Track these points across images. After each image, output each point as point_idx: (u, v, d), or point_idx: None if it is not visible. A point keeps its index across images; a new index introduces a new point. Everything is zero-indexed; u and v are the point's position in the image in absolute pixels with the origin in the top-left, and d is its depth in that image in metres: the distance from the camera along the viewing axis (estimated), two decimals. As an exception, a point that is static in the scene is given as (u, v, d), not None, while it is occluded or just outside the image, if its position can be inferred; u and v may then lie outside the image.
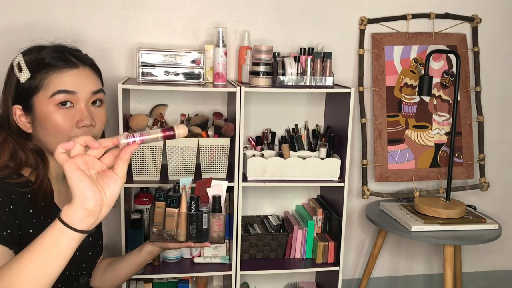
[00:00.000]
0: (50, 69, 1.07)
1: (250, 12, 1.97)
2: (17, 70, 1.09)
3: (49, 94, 1.06)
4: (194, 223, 1.36)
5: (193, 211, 1.37)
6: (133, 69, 1.92)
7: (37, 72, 1.07)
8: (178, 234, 1.36)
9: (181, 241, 1.37)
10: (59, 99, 1.06)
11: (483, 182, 2.23)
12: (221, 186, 1.43)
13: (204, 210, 1.39)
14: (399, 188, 2.25)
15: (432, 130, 2.17)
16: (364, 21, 2.05)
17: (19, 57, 1.10)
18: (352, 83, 2.12)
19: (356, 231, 2.28)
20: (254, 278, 2.18)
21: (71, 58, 1.11)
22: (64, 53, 1.12)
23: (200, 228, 1.36)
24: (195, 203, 1.39)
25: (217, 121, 1.82)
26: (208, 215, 1.38)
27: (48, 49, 1.12)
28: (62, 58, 1.10)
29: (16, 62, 1.10)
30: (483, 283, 2.48)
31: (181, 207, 1.37)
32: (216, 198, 1.40)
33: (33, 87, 1.07)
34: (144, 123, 1.73)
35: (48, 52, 1.11)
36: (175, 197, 1.37)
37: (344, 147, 1.82)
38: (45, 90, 1.06)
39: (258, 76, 1.76)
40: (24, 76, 1.07)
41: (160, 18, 1.91)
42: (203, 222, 1.37)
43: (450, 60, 2.16)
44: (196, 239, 1.38)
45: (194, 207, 1.38)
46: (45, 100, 1.06)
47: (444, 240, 1.84)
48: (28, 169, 1.09)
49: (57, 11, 1.82)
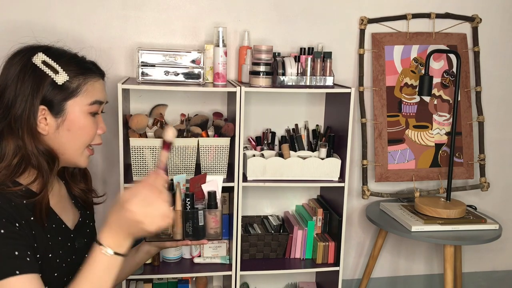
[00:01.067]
0: (88, 75, 1.10)
1: (250, 12, 1.97)
2: (50, 71, 1.05)
3: (87, 101, 1.09)
4: (190, 220, 1.35)
5: (188, 209, 1.36)
6: (133, 69, 1.92)
7: (73, 76, 1.07)
8: (174, 232, 1.34)
9: (177, 239, 1.36)
10: (94, 109, 1.11)
11: (483, 182, 2.23)
12: (216, 181, 1.41)
13: (200, 207, 1.37)
14: (399, 188, 2.24)
15: (432, 130, 2.17)
16: (364, 21, 2.05)
17: (41, 55, 1.06)
18: (352, 83, 2.11)
19: (356, 231, 2.28)
20: (254, 278, 2.18)
21: (99, 67, 1.16)
22: (91, 62, 1.15)
23: (196, 225, 1.35)
24: (190, 200, 1.38)
25: (217, 121, 1.82)
26: (203, 211, 1.36)
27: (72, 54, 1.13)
28: (94, 66, 1.14)
29: (40, 60, 1.05)
30: (484, 283, 2.48)
31: (176, 205, 1.36)
32: (211, 194, 1.38)
33: (70, 91, 1.06)
34: (144, 123, 1.72)
35: (78, 57, 1.13)
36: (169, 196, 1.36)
37: (344, 147, 1.82)
38: (83, 96, 1.08)
39: (258, 76, 1.76)
40: (62, 79, 1.05)
41: (160, 18, 1.91)
42: (199, 219, 1.35)
43: (450, 60, 2.16)
44: (193, 236, 1.36)
45: (189, 204, 1.37)
46: (82, 106, 1.08)
47: (445, 240, 1.84)
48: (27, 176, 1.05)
49: (57, 11, 1.82)
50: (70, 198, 1.23)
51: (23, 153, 1.03)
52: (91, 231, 1.27)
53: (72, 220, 1.19)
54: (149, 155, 1.73)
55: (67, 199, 1.21)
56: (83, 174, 1.26)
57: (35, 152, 1.04)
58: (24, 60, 1.05)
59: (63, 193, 1.21)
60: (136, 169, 1.73)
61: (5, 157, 1.02)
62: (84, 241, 1.19)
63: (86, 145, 1.12)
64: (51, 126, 1.06)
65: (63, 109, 1.06)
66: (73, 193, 1.24)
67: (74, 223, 1.19)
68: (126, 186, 1.70)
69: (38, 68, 1.04)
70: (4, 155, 1.02)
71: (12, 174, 1.03)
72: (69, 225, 1.16)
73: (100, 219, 1.36)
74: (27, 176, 1.06)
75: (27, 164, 1.04)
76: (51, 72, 1.05)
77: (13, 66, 1.05)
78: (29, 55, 1.06)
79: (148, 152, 1.72)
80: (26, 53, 1.07)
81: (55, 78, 1.05)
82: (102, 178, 1.98)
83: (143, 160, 1.73)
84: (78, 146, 1.10)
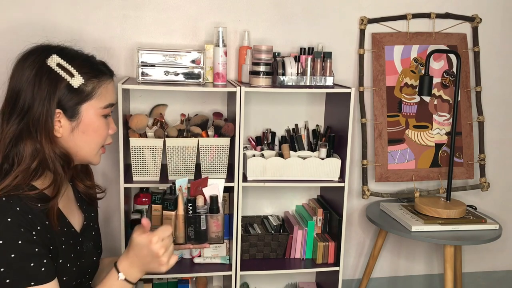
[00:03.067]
0: (101, 78, 1.11)
1: (250, 12, 1.97)
2: (66, 74, 1.05)
3: (102, 104, 1.11)
4: (192, 224, 1.35)
5: (190, 213, 1.36)
6: (133, 69, 1.91)
7: (88, 79, 1.08)
8: (177, 236, 1.35)
9: (179, 243, 1.37)
10: (108, 111, 1.14)
11: (483, 182, 2.23)
12: (217, 185, 1.41)
13: (202, 212, 1.37)
14: (399, 188, 2.24)
15: (433, 130, 2.17)
16: (364, 21, 2.05)
17: (56, 58, 1.05)
18: (352, 83, 2.11)
19: (356, 231, 2.28)
20: (254, 278, 2.18)
21: (109, 67, 1.17)
22: (102, 63, 1.16)
23: (199, 229, 1.35)
24: (192, 204, 1.37)
25: (217, 121, 1.82)
26: (206, 216, 1.37)
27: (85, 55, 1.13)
28: (105, 67, 1.16)
29: (55, 63, 1.05)
30: (484, 283, 2.48)
31: (178, 210, 1.36)
32: (213, 198, 1.39)
33: (85, 94, 1.07)
34: (144, 123, 1.72)
35: (91, 59, 1.13)
36: (172, 200, 1.36)
37: (344, 147, 1.82)
38: (98, 99, 1.10)
39: (258, 76, 1.75)
40: (78, 82, 1.06)
41: (160, 18, 1.91)
42: (201, 223, 1.35)
43: (450, 60, 2.16)
44: (195, 240, 1.37)
45: (191, 208, 1.37)
46: (97, 109, 1.10)
47: (445, 240, 1.84)
48: (42, 180, 1.05)
49: (57, 11, 1.82)
50: (76, 200, 1.23)
51: (41, 157, 1.03)
52: (96, 233, 1.27)
53: (78, 223, 1.19)
54: (149, 155, 1.72)
55: (73, 201, 1.22)
56: (86, 171, 1.26)
57: (51, 155, 1.04)
58: (39, 62, 1.04)
59: (70, 195, 1.21)
60: (136, 169, 1.73)
61: (23, 160, 1.02)
62: (90, 244, 1.20)
63: (100, 146, 1.15)
64: (66, 128, 1.07)
65: (78, 112, 1.07)
66: (78, 190, 1.24)
67: (80, 226, 1.19)
68: (126, 186, 1.70)
69: (53, 70, 1.04)
70: (22, 158, 1.02)
71: (29, 177, 1.02)
72: (76, 229, 1.17)
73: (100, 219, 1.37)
74: (43, 180, 1.05)
75: (44, 168, 1.04)
76: (66, 75, 1.05)
77: (27, 68, 1.04)
78: (43, 57, 1.05)
79: (148, 152, 1.72)
80: (40, 54, 1.06)
81: (71, 82, 1.05)
82: (102, 178, 1.97)
83: (143, 160, 1.72)
84: (93, 147, 1.13)
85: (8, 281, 0.94)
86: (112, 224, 2.02)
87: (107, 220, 2.02)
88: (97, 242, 1.27)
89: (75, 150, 1.10)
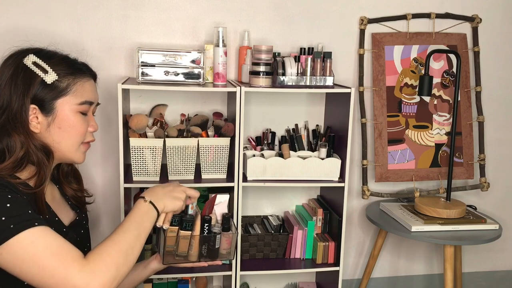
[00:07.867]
0: (77, 75, 1.14)
1: (250, 12, 1.97)
2: (40, 71, 1.09)
3: (77, 101, 1.13)
4: (206, 243, 1.36)
5: (205, 233, 1.36)
6: (133, 69, 1.92)
7: (63, 76, 1.11)
8: (190, 254, 1.35)
9: (192, 261, 1.36)
10: (84, 108, 1.16)
11: (483, 182, 2.23)
12: (226, 202, 1.40)
13: (217, 231, 1.37)
14: (399, 188, 2.24)
15: (432, 130, 2.17)
16: (364, 21, 2.05)
17: (32, 57, 1.11)
18: (352, 83, 2.11)
19: (356, 231, 2.28)
20: (254, 278, 2.18)
21: (90, 68, 1.20)
22: (82, 63, 1.20)
23: (212, 247, 1.36)
24: (208, 225, 1.36)
25: (217, 121, 1.82)
26: (220, 235, 1.37)
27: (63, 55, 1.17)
28: (85, 67, 1.19)
29: (31, 61, 1.10)
30: (484, 283, 2.48)
31: (194, 230, 1.34)
32: (225, 216, 1.38)
33: (59, 90, 1.11)
34: (144, 123, 1.72)
35: (69, 58, 1.17)
36: (190, 221, 1.34)
37: (344, 147, 1.82)
38: (73, 96, 1.13)
39: (258, 76, 1.75)
40: (52, 78, 1.10)
41: (160, 18, 1.91)
42: (216, 242, 1.36)
43: (450, 60, 2.16)
44: (207, 257, 1.37)
45: (207, 228, 1.36)
46: (72, 105, 1.13)
47: (445, 240, 1.84)
48: (25, 171, 1.10)
49: (56, 11, 1.82)
50: (66, 200, 1.27)
51: (26, 148, 1.08)
52: (85, 232, 1.30)
53: (67, 218, 1.23)
54: (149, 155, 1.72)
55: (61, 200, 1.26)
56: (74, 174, 1.31)
57: (32, 147, 1.09)
58: (16, 62, 1.11)
59: (57, 196, 1.25)
60: (136, 169, 1.73)
61: (14, 152, 1.07)
62: (75, 238, 1.21)
63: (79, 142, 1.17)
64: (42, 124, 1.11)
65: (53, 108, 1.11)
66: (66, 194, 1.28)
67: (69, 221, 1.23)
68: (126, 186, 1.70)
69: (29, 68, 1.09)
70: (13, 150, 1.07)
71: (14, 168, 1.07)
72: (64, 222, 1.19)
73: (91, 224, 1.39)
74: (26, 172, 1.10)
75: (27, 160, 1.09)
76: (40, 72, 1.09)
77: (6, 68, 1.11)
78: (21, 57, 1.11)
79: (148, 152, 1.72)
80: (18, 56, 1.12)
81: (44, 78, 1.09)
82: (102, 178, 1.98)
83: (143, 160, 1.73)
84: (71, 143, 1.15)
85: (12, 226, 0.95)
86: (112, 224, 2.02)
87: (107, 220, 2.02)
88: (84, 241, 1.29)
89: (54, 146, 1.13)
